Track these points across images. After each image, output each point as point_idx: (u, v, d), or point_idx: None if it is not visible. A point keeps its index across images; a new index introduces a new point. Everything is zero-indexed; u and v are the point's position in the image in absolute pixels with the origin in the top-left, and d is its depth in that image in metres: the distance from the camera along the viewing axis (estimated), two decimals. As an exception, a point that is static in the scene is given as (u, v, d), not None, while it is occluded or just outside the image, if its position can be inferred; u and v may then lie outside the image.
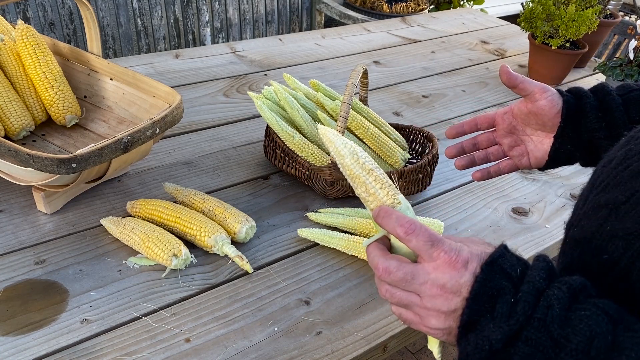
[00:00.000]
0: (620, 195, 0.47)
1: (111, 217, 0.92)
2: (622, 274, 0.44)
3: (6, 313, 0.76)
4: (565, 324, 0.41)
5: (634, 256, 0.43)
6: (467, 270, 0.48)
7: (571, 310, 0.42)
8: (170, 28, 2.48)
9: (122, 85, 1.08)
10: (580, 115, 0.71)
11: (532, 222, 1.06)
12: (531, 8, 1.56)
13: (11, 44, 1.06)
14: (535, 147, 0.77)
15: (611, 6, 1.86)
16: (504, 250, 0.49)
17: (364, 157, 0.55)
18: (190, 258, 0.86)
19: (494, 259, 0.47)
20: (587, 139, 0.71)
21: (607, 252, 0.45)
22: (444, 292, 0.49)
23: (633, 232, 0.44)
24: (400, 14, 2.79)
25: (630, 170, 0.48)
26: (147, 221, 0.90)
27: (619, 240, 0.44)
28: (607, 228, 0.47)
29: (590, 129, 0.70)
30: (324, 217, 0.98)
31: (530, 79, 0.75)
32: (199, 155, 1.16)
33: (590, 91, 0.73)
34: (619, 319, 0.41)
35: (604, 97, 0.70)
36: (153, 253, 0.84)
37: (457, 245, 0.50)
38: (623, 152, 0.50)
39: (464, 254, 0.49)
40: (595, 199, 0.50)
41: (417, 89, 1.55)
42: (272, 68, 1.58)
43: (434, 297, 0.50)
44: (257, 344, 0.76)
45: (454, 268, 0.48)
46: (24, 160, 0.81)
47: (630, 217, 0.45)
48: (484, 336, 0.45)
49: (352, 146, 0.55)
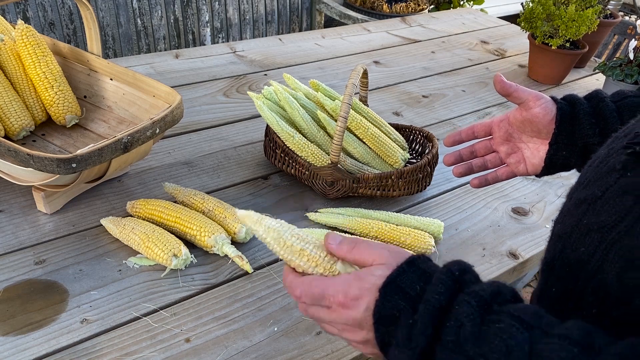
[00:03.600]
0: (597, 190, 0.48)
1: (111, 217, 0.92)
2: (597, 266, 0.44)
3: (6, 313, 0.76)
4: (480, 341, 0.41)
5: (607, 248, 0.44)
6: (360, 305, 0.48)
7: (484, 324, 0.41)
8: (170, 28, 2.48)
9: (122, 85, 1.08)
10: (574, 121, 0.71)
11: (532, 222, 1.06)
12: (531, 8, 1.56)
13: (11, 44, 1.06)
14: (531, 154, 0.78)
15: (611, 6, 1.86)
16: (405, 266, 0.48)
17: (290, 238, 0.53)
18: (190, 258, 0.86)
19: (392, 279, 0.47)
20: (581, 145, 0.71)
21: (584, 245, 0.46)
22: (347, 328, 0.51)
23: (607, 225, 0.45)
24: (400, 14, 2.79)
25: (607, 166, 0.49)
26: (147, 221, 0.90)
27: (595, 234, 0.45)
28: (584, 222, 0.48)
29: (584, 135, 0.70)
30: (324, 217, 0.98)
31: (524, 88, 0.75)
32: (199, 155, 1.16)
33: (585, 98, 0.73)
34: (536, 324, 0.40)
35: (597, 103, 0.71)
36: (153, 253, 0.84)
37: (342, 285, 0.50)
38: (606, 151, 0.52)
39: (352, 291, 0.49)
40: (577, 195, 0.51)
41: (417, 89, 1.55)
42: (272, 68, 1.58)
43: (343, 331, 0.52)
44: (257, 344, 0.76)
45: (346, 308, 0.49)
46: (24, 160, 0.81)
47: (604, 210, 0.46)
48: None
49: (275, 230, 0.53)
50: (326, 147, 1.06)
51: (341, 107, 0.93)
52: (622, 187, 0.45)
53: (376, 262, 0.50)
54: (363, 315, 0.48)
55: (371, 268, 0.50)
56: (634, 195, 0.44)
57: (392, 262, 0.49)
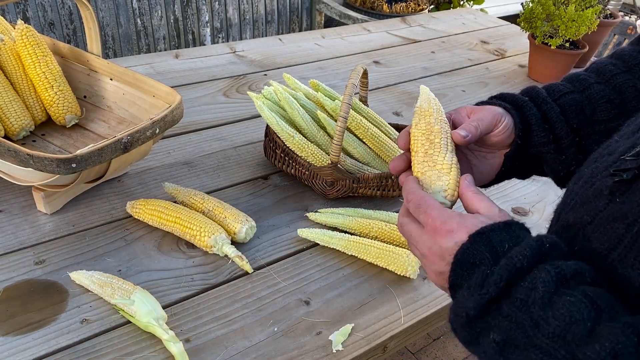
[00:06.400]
0: (586, 215, 0.48)
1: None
2: None
3: (6, 313, 0.76)
4: (547, 307, 0.42)
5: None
6: (450, 238, 0.50)
7: (557, 294, 0.42)
8: (170, 28, 2.48)
9: (122, 85, 1.08)
10: (527, 130, 0.65)
11: (532, 222, 1.06)
12: (531, 8, 1.56)
13: (11, 44, 1.06)
14: (480, 163, 0.68)
15: (611, 6, 1.86)
16: (502, 225, 0.49)
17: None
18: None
19: (484, 230, 0.48)
20: (534, 153, 0.66)
21: None
22: (430, 254, 0.52)
23: (599, 253, 0.45)
24: (400, 14, 2.79)
25: (594, 189, 0.48)
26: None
27: (587, 262, 0.45)
28: (575, 248, 0.48)
29: (538, 143, 0.65)
30: (324, 217, 0.98)
31: (479, 124, 0.62)
32: (199, 155, 1.16)
33: (527, 98, 0.67)
34: (607, 309, 0.41)
35: (540, 104, 0.66)
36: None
37: (445, 214, 0.51)
38: (590, 170, 0.51)
39: (450, 223, 0.50)
40: (565, 217, 0.51)
41: (417, 89, 1.55)
42: (272, 68, 1.58)
43: (424, 256, 0.54)
44: (257, 344, 0.76)
45: (438, 234, 0.51)
46: (24, 160, 0.81)
47: (595, 237, 0.46)
48: (460, 303, 0.47)
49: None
50: (326, 147, 1.06)
51: (341, 107, 0.93)
52: (612, 214, 0.45)
53: (482, 211, 0.52)
54: (450, 247, 0.49)
55: (476, 214, 0.52)
56: (624, 223, 0.44)
57: (495, 217, 0.51)
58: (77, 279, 0.81)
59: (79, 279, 0.80)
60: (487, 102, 0.68)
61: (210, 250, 0.88)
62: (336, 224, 0.97)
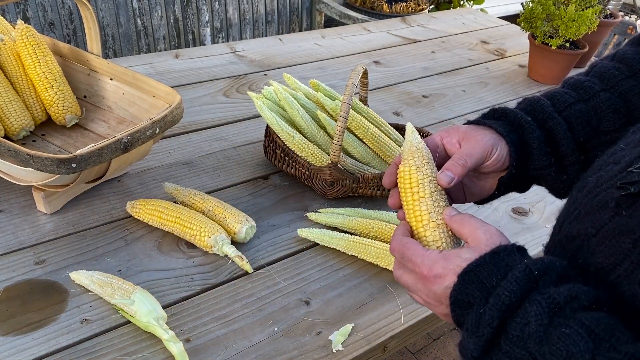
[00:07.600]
0: (590, 227, 0.47)
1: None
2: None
3: (6, 313, 0.76)
4: (544, 341, 0.41)
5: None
6: (440, 283, 0.51)
7: (552, 325, 0.42)
8: (170, 28, 2.48)
9: (122, 85, 1.08)
10: (527, 152, 0.63)
11: (532, 222, 1.06)
12: (531, 8, 1.56)
13: (11, 44, 1.06)
14: (471, 184, 0.67)
15: (611, 6, 1.86)
16: (489, 257, 0.48)
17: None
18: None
19: (471, 268, 0.48)
20: (534, 175, 0.65)
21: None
22: (430, 300, 0.53)
23: (604, 267, 0.44)
24: (400, 14, 2.79)
25: (598, 200, 0.48)
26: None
27: (591, 276, 0.45)
28: (579, 261, 0.47)
29: (539, 167, 0.63)
30: (324, 217, 0.98)
31: (468, 160, 0.60)
32: (199, 155, 1.16)
33: (531, 114, 0.64)
34: (606, 337, 0.40)
35: (546, 120, 0.63)
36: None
37: (428, 259, 0.52)
38: (594, 179, 0.50)
39: (436, 268, 0.51)
40: (568, 227, 0.51)
41: (417, 89, 1.55)
42: (272, 68, 1.58)
43: (426, 303, 0.55)
44: (257, 344, 0.76)
45: (428, 281, 0.52)
46: (24, 160, 0.81)
47: (600, 251, 0.45)
48: (464, 344, 0.48)
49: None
50: (326, 147, 1.06)
51: (341, 107, 0.93)
52: (618, 228, 0.44)
53: (468, 239, 0.53)
54: (443, 292, 0.50)
55: (460, 250, 0.52)
56: (631, 238, 0.42)
57: (481, 247, 0.50)
58: (77, 279, 0.81)
59: (79, 279, 0.80)
60: (483, 121, 0.65)
61: (210, 250, 0.88)
62: (336, 224, 0.97)
